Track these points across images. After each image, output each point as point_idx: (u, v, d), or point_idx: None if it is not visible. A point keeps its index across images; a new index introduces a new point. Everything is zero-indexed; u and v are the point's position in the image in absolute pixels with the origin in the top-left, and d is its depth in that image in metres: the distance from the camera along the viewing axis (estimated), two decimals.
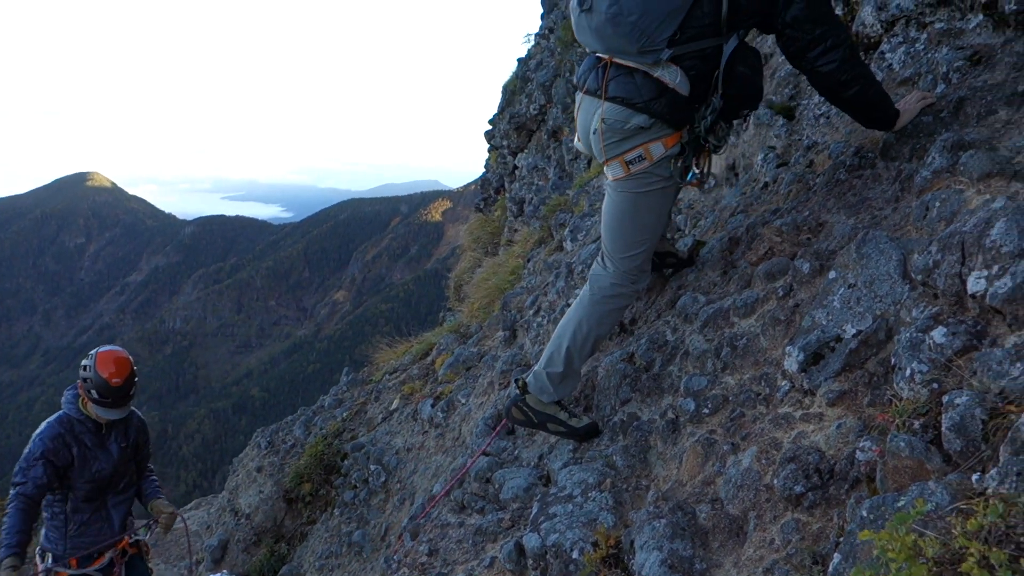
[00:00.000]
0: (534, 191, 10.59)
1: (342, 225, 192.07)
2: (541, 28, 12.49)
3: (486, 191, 13.77)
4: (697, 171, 3.36)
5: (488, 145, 13.16)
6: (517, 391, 3.71)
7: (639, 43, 3.02)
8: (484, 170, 13.98)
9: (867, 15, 4.59)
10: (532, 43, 12.73)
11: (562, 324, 3.62)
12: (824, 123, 4.59)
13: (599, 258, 3.64)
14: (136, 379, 4.78)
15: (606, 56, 3.22)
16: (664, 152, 3.21)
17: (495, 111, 13.08)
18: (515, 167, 12.07)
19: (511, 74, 13.03)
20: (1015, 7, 3.65)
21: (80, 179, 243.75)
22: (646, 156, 3.21)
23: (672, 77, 3.06)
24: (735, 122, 3.75)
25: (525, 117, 11.69)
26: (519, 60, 12.96)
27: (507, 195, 12.04)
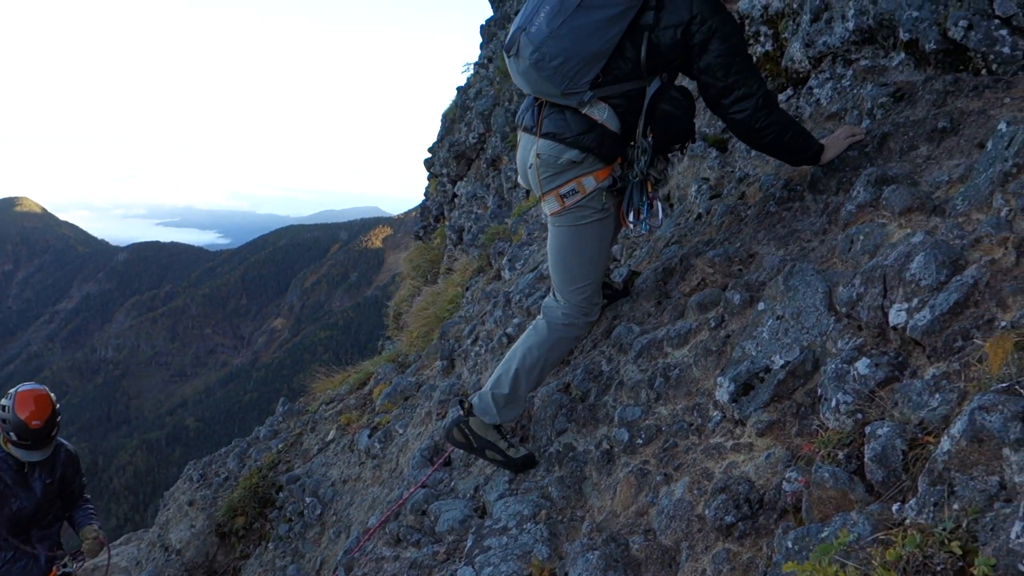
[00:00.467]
0: (473, 219, 10.61)
1: (281, 252, 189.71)
2: (480, 57, 12.60)
3: (426, 219, 13.75)
4: (645, 216, 3.44)
5: (428, 173, 13.17)
6: (461, 412, 3.69)
7: (561, 86, 3.16)
8: (424, 198, 13.97)
9: (796, 51, 4.72)
10: (471, 72, 12.81)
11: (514, 348, 3.64)
12: (755, 156, 4.70)
13: (551, 292, 3.69)
14: (59, 418, 4.64)
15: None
16: (596, 185, 3.32)
17: (435, 139, 13.13)
18: (455, 195, 12.10)
19: (450, 102, 13.10)
20: (934, 46, 3.80)
21: (8, 204, 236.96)
22: (579, 189, 3.32)
23: (600, 114, 3.20)
24: (673, 154, 3.87)
25: (464, 145, 11.73)
26: (458, 89, 13.03)
27: (447, 223, 12.04)
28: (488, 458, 3.65)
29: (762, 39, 5.07)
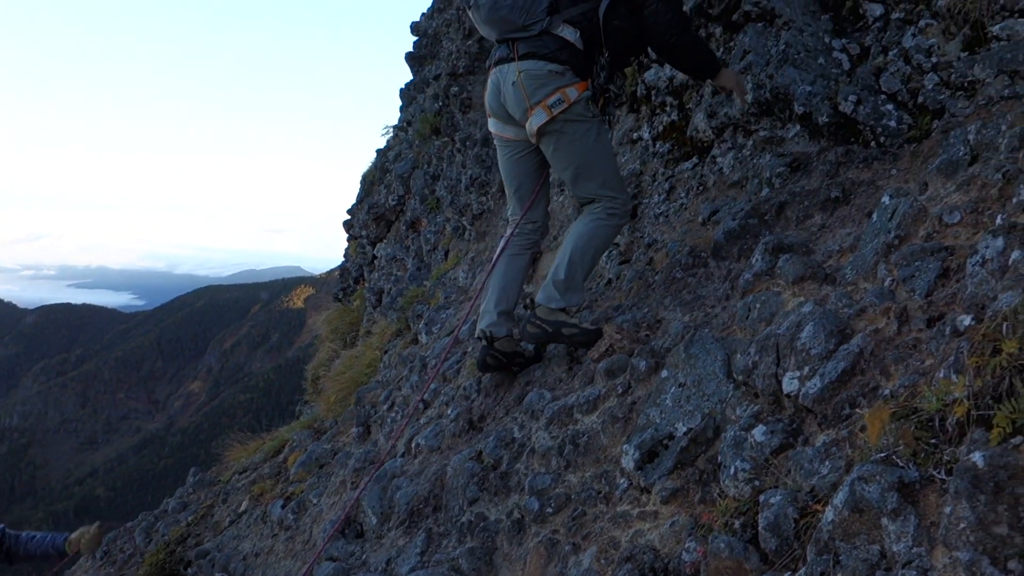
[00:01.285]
0: (392, 282, 10.58)
1: (198, 313, 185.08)
2: (400, 120, 12.66)
3: (345, 281, 13.63)
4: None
5: (347, 235, 13.10)
6: (527, 311, 4.07)
7: (521, 18, 3.61)
8: (344, 259, 13.87)
9: (699, 121, 4.89)
10: (391, 135, 12.87)
11: (567, 236, 3.91)
12: (663, 222, 4.82)
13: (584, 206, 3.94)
14: None
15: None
16: (579, 95, 3.62)
17: (354, 201, 13.09)
18: (374, 257, 12.04)
19: (370, 164, 13.10)
20: (827, 119, 3.98)
21: None
22: (564, 99, 3.61)
23: (570, 35, 3.58)
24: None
25: (384, 207, 11.73)
26: (378, 151, 13.06)
27: (366, 285, 11.96)
28: (566, 336, 3.81)
29: (668, 109, 5.25)
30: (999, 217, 2.15)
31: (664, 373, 2.89)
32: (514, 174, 4.05)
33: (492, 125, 4.03)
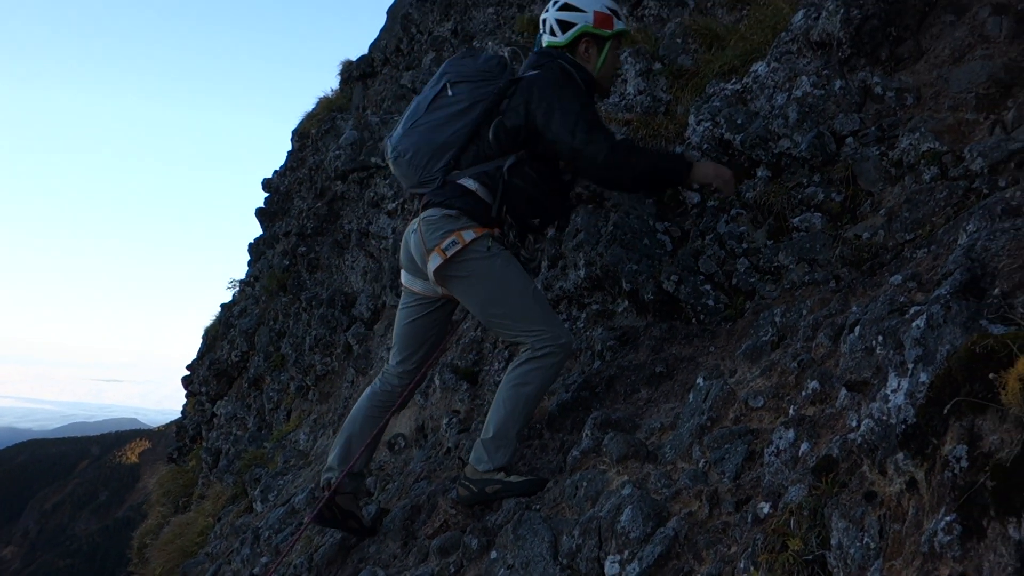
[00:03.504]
0: (231, 442, 10.15)
1: (18, 469, 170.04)
2: (247, 275, 12.51)
3: (182, 439, 12.97)
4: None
5: (186, 391, 12.58)
6: (460, 474, 3.69)
7: (417, 176, 3.65)
8: (181, 416, 13.24)
9: None
10: (237, 289, 12.67)
11: (498, 391, 3.64)
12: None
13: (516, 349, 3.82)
14: None
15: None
16: (475, 236, 3.51)
17: (195, 356, 12.66)
18: (213, 415, 11.57)
19: (213, 319, 12.80)
20: (652, 297, 4.22)
21: None
22: (459, 241, 3.50)
23: (472, 184, 3.55)
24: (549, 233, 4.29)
25: (226, 364, 11.39)
26: (222, 305, 12.79)
27: (203, 445, 11.42)
28: (491, 495, 3.45)
29: None
30: (792, 408, 2.32)
31: (493, 554, 2.89)
32: (411, 329, 3.95)
33: (403, 277, 4.00)
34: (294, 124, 12.73)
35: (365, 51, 12.10)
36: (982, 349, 1.35)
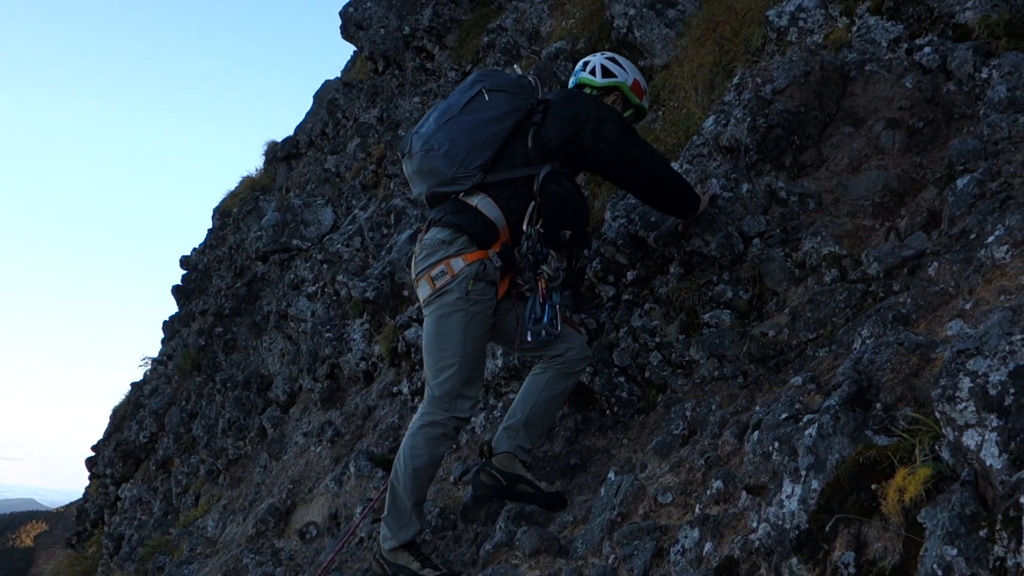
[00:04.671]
0: (135, 527, 9.74)
1: None
2: (160, 353, 12.21)
3: (82, 523, 12.38)
4: (544, 322, 3.53)
5: (90, 472, 12.08)
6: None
7: (453, 169, 3.48)
8: (83, 499, 12.67)
9: None
10: (149, 367, 12.34)
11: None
12: None
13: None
14: None
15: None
16: (464, 266, 3.37)
17: (101, 436, 12.21)
18: (117, 498, 11.11)
19: (122, 398, 12.41)
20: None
21: None
22: (447, 271, 3.39)
23: (477, 201, 3.45)
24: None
25: (134, 445, 11.01)
26: (133, 384, 12.43)
27: (105, 530, 10.92)
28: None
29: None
30: (698, 506, 2.38)
31: None
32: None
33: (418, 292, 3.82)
34: (215, 202, 12.66)
35: (291, 132, 12.17)
36: (866, 460, 1.43)
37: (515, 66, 4.62)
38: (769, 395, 3.13)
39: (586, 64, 4.05)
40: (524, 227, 3.48)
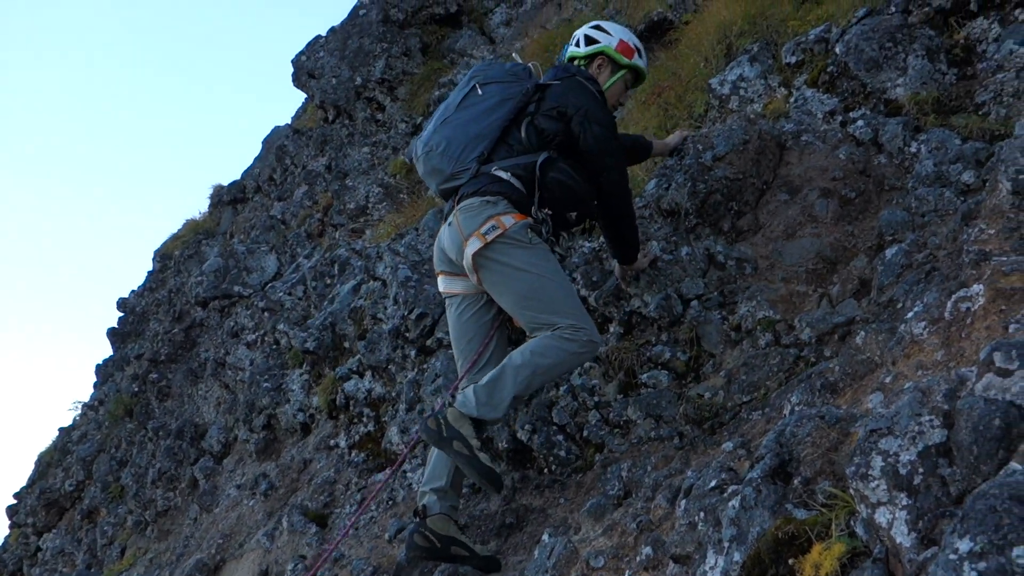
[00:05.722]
0: None
1: None
2: (92, 398, 11.88)
3: None
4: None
5: (10, 521, 11.62)
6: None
7: (451, 166, 3.63)
8: (1, 549, 12.17)
9: (393, 434, 5.06)
10: (79, 412, 11.99)
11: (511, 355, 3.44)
12: (353, 535, 4.77)
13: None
14: None
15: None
16: (515, 222, 3.41)
17: (24, 483, 11.78)
18: (38, 549, 10.69)
19: (49, 443, 12.02)
20: (506, 445, 4.27)
21: None
22: (499, 226, 3.39)
23: (505, 175, 3.54)
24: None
25: (58, 493, 10.62)
26: (61, 429, 12.05)
27: None
28: (454, 449, 3.25)
29: (365, 420, 5.39)
30: (628, 572, 2.38)
31: None
32: (463, 330, 3.78)
33: (440, 284, 3.86)
34: (157, 244, 12.47)
35: (238, 177, 12.09)
36: (784, 534, 1.45)
37: (514, 54, 4.69)
38: (704, 457, 3.16)
39: (573, 37, 4.13)
40: (532, 212, 3.54)
